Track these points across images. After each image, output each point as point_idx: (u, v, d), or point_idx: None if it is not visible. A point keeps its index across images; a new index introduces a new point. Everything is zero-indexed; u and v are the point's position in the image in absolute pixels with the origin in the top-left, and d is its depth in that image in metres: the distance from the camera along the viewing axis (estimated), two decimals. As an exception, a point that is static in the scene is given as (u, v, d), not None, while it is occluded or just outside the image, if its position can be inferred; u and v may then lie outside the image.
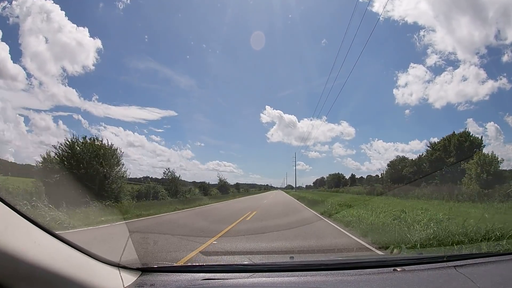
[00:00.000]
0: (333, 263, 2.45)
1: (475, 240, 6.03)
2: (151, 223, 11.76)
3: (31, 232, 1.29)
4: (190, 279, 1.98)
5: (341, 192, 49.57)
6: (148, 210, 15.68)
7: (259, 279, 2.00)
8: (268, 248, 6.16)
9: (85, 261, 1.55)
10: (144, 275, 2.01)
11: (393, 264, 2.24)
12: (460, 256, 2.57)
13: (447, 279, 2.00)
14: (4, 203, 1.20)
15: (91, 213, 11.97)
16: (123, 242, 3.33)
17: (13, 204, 1.23)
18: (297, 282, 1.97)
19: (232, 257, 4.50)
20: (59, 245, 1.42)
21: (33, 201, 10.78)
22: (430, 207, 14.84)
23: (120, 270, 1.83)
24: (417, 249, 5.60)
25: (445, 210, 12.37)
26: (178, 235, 8.27)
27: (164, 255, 5.64)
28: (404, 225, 8.51)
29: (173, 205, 18.75)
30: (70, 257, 1.45)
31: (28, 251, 1.18)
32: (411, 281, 1.94)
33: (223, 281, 1.96)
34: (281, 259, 4.06)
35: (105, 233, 8.96)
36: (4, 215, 1.19)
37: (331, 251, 6.17)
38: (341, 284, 1.92)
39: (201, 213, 16.90)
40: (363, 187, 50.05)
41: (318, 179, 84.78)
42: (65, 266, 1.34)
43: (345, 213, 13.05)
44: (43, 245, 1.29)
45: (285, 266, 2.44)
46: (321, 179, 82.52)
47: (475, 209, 14.36)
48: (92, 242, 7.15)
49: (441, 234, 6.52)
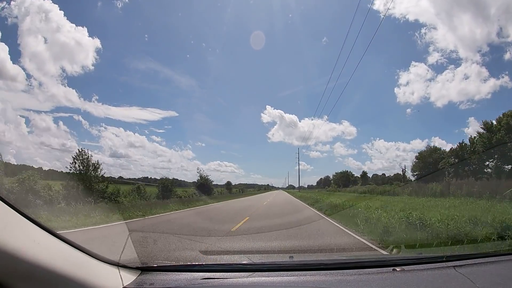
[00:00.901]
0: (332, 263, 2.46)
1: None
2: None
3: (30, 231, 1.29)
4: (189, 278, 1.98)
5: (352, 192, 41.78)
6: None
7: (259, 279, 2.00)
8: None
9: (85, 260, 1.55)
10: (143, 274, 2.01)
11: (393, 264, 2.24)
12: (459, 256, 2.57)
13: (446, 279, 2.00)
14: (3, 202, 1.20)
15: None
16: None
17: (13, 203, 1.23)
18: (297, 282, 1.97)
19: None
20: (58, 244, 1.42)
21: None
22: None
23: (119, 269, 1.83)
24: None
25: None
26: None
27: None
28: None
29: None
30: (70, 256, 1.45)
31: (28, 250, 1.18)
32: (410, 281, 1.94)
33: (223, 280, 1.96)
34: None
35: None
36: (3, 214, 1.19)
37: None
38: (340, 283, 1.92)
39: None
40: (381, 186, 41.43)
41: (323, 178, 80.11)
42: (64, 265, 1.34)
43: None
44: (43, 244, 1.29)
45: (284, 265, 2.44)
46: (326, 178, 77.61)
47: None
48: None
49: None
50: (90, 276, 1.48)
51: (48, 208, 12.14)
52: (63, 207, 13.38)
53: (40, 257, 1.22)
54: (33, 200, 13.84)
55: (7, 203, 1.22)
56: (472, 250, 5.21)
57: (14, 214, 1.24)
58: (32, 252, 1.20)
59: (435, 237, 6.86)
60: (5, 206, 1.21)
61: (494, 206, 13.70)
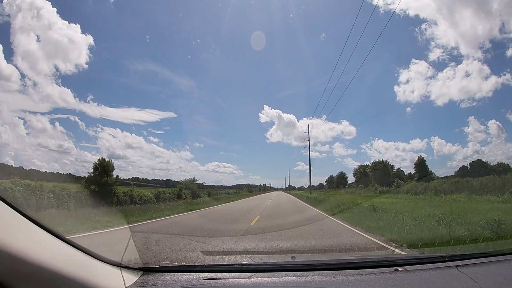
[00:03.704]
0: (334, 263, 2.45)
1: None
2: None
3: (32, 232, 1.29)
4: (191, 278, 1.98)
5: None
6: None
7: (261, 279, 2.00)
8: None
9: (87, 261, 1.55)
10: (145, 275, 2.01)
11: (395, 264, 2.23)
12: (462, 256, 2.56)
13: (448, 279, 1.99)
14: (5, 203, 1.20)
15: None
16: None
17: (14, 204, 1.24)
18: (299, 282, 1.97)
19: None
20: (60, 245, 1.42)
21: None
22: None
23: (121, 270, 1.83)
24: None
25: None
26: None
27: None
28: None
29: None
30: (72, 256, 1.45)
31: (30, 251, 1.18)
32: (412, 281, 1.93)
33: (225, 281, 1.96)
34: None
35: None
36: (5, 215, 1.19)
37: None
38: (342, 284, 1.91)
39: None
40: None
41: (328, 178, 69.56)
42: (66, 265, 1.34)
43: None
44: (45, 245, 1.30)
45: (286, 266, 2.44)
46: (329, 179, 67.95)
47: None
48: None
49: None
50: (92, 277, 1.48)
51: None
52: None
53: (42, 258, 1.23)
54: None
55: (10, 204, 1.22)
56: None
57: (16, 215, 1.25)
58: (34, 253, 1.20)
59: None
60: (7, 207, 1.21)
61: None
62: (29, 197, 12.76)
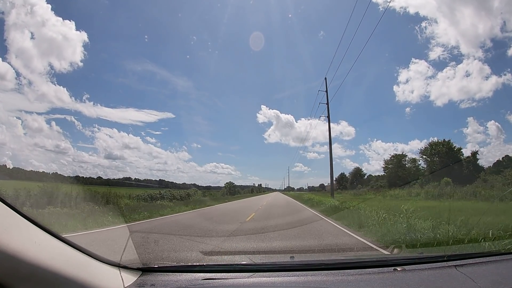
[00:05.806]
0: (333, 263, 2.45)
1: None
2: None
3: (31, 232, 1.29)
4: (190, 279, 1.98)
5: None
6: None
7: (260, 279, 2.00)
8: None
9: (86, 261, 1.55)
10: (144, 275, 2.01)
11: (394, 264, 2.24)
12: (461, 255, 2.57)
13: (447, 278, 2.00)
14: (4, 203, 1.20)
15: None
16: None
17: (13, 204, 1.23)
18: (298, 282, 1.97)
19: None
20: (59, 245, 1.42)
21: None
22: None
23: (120, 270, 1.83)
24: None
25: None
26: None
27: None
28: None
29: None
30: (71, 257, 1.45)
31: (29, 251, 1.18)
32: (411, 281, 1.94)
33: (224, 281, 1.96)
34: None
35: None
36: (4, 215, 1.19)
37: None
38: (341, 283, 1.92)
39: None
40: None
41: (337, 177, 59.67)
42: (65, 266, 1.34)
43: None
44: (44, 245, 1.29)
45: (285, 266, 2.44)
46: (341, 177, 60.72)
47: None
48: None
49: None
50: (91, 277, 1.48)
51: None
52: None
53: (41, 258, 1.23)
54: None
55: (8, 204, 1.22)
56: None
57: (15, 215, 1.24)
58: (33, 253, 1.20)
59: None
60: (6, 207, 1.21)
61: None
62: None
